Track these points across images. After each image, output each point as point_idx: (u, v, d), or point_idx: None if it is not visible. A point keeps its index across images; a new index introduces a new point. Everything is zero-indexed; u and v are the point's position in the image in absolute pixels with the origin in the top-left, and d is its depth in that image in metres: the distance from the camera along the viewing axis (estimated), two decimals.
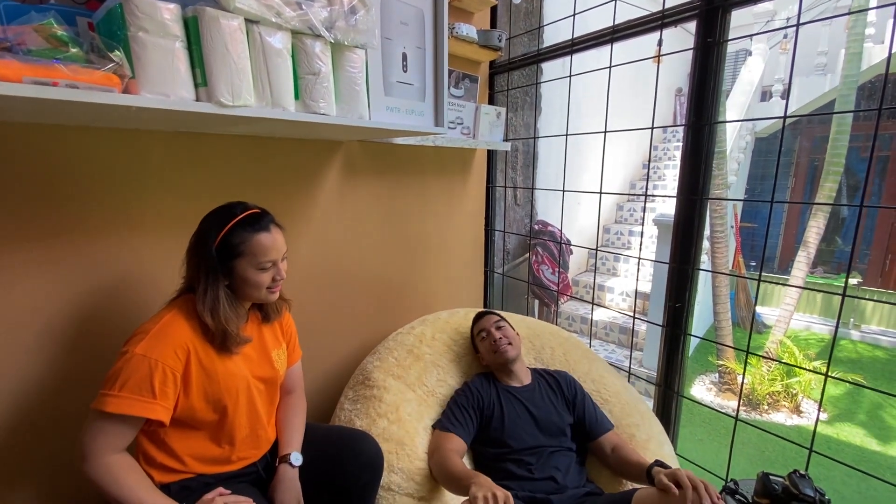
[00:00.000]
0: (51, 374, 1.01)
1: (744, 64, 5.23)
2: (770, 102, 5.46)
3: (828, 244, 5.88)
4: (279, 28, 0.84)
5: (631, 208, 4.96)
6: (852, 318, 4.74)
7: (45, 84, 0.62)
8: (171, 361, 0.83)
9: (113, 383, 0.79)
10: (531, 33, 2.65)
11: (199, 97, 0.78)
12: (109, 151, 1.03)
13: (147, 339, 0.82)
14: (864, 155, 5.68)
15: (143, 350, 0.81)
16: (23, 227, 0.93)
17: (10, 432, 0.97)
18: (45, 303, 0.98)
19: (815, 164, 6.13)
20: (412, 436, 1.28)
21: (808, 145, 6.20)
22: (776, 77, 5.39)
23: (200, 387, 0.88)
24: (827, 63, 5.07)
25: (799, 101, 5.25)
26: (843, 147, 3.10)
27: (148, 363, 0.80)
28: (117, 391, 0.78)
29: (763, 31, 2.28)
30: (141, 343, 0.81)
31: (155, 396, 0.80)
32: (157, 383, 0.81)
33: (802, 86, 5.20)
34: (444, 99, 1.23)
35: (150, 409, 0.80)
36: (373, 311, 1.72)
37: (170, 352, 0.83)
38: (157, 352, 0.82)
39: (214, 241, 0.88)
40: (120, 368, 0.80)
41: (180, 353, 0.84)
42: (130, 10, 0.68)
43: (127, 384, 0.79)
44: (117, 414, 0.78)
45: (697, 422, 2.77)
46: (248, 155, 1.27)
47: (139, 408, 0.79)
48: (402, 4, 1.10)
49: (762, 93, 5.52)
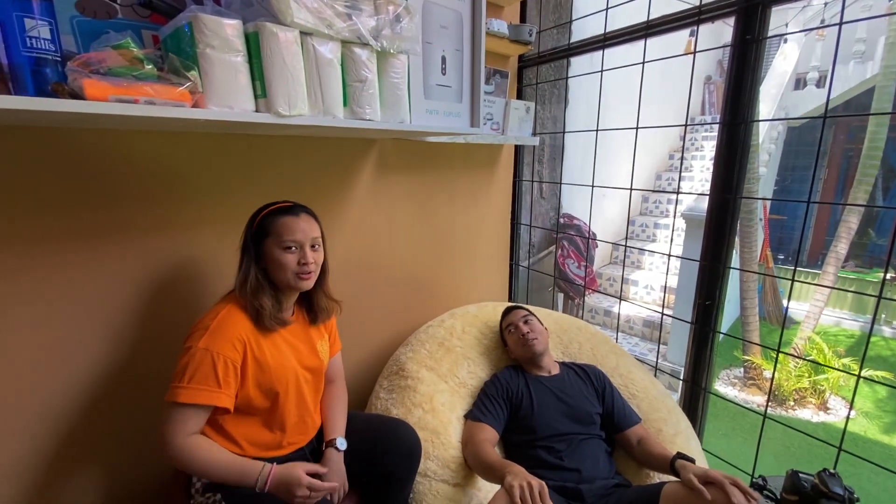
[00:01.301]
0: (116, 362, 1.10)
1: (778, 51, 5.06)
2: (804, 91, 5.27)
3: (860, 237, 5.69)
4: (330, 39, 0.88)
5: (657, 200, 4.89)
6: (884, 314, 4.62)
7: (128, 101, 0.67)
8: (230, 353, 0.90)
9: (182, 376, 0.87)
10: (560, 27, 2.63)
11: (258, 108, 0.83)
12: (164, 153, 1.09)
13: (207, 334, 0.89)
14: None
15: (205, 344, 0.88)
16: (88, 225, 1.00)
17: (81, 414, 1.06)
18: (110, 296, 1.06)
19: (849, 154, 5.92)
20: (446, 425, 1.34)
21: (842, 136, 5.98)
22: (811, 64, 5.20)
23: (255, 376, 0.95)
24: (865, 50, 4.86)
25: (836, 89, 5.06)
26: (881, 140, 3.01)
27: (211, 356, 0.88)
28: (186, 383, 0.86)
29: (804, 30, 2.20)
30: (203, 338, 0.89)
31: (220, 386, 0.88)
32: (221, 374, 0.88)
33: (839, 73, 5.00)
34: (481, 99, 1.25)
35: (217, 398, 0.88)
36: (403, 303, 1.78)
37: (228, 344, 0.90)
38: (218, 345, 0.89)
39: (252, 226, 0.98)
40: (186, 363, 0.87)
41: (238, 345, 0.92)
42: (199, 29, 0.73)
43: (194, 377, 0.86)
44: (189, 403, 0.86)
45: (722, 416, 2.77)
46: (290, 154, 1.33)
47: (206, 396, 0.87)
48: (442, 8, 1.12)
49: (796, 80, 5.33)
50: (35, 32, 0.61)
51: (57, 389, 1.02)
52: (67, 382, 1.03)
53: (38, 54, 0.62)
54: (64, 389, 1.03)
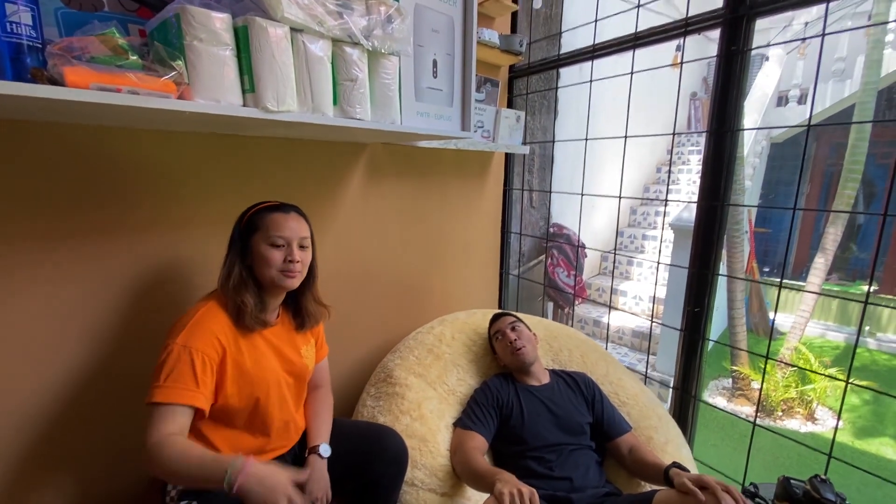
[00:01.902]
0: (94, 365, 1.05)
1: (760, 69, 5.20)
2: (786, 107, 5.42)
3: (843, 251, 5.81)
4: (321, 36, 0.88)
5: (644, 212, 4.95)
6: (867, 325, 4.69)
7: (111, 90, 0.65)
8: (208, 350, 0.87)
9: (159, 375, 0.83)
10: (550, 38, 2.67)
11: (246, 103, 0.82)
12: (150, 152, 1.07)
13: (186, 330, 0.87)
14: (880, 162, 5.61)
15: (182, 341, 0.85)
16: (71, 223, 0.98)
17: (55, 418, 1.02)
18: (91, 296, 1.03)
19: (831, 170, 6.07)
20: (434, 433, 1.31)
21: (824, 151, 6.13)
22: (793, 82, 5.35)
23: (233, 378, 0.92)
24: (845, 69, 5.02)
25: (816, 106, 5.21)
26: (861, 154, 3.08)
27: (189, 353, 0.84)
28: (162, 381, 0.82)
29: (788, 41, 2.27)
30: (181, 334, 0.86)
31: (197, 385, 0.84)
32: (199, 372, 0.85)
33: (820, 91, 5.16)
34: (472, 104, 1.26)
35: (193, 397, 0.84)
36: (392, 310, 1.76)
37: (207, 341, 0.87)
38: (196, 341, 0.86)
39: (242, 221, 0.96)
40: (164, 361, 0.84)
41: (217, 343, 0.89)
42: (187, 21, 0.72)
43: (171, 375, 0.83)
44: (166, 403, 0.82)
45: (712, 427, 2.77)
46: (279, 156, 1.31)
47: (184, 396, 0.83)
48: (433, 13, 1.13)
49: (778, 97, 5.48)
50: (16, 18, 0.60)
51: (33, 391, 0.98)
52: (44, 384, 0.99)
53: (18, 40, 0.61)
54: (39, 391, 0.99)
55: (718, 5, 1.40)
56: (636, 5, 1.65)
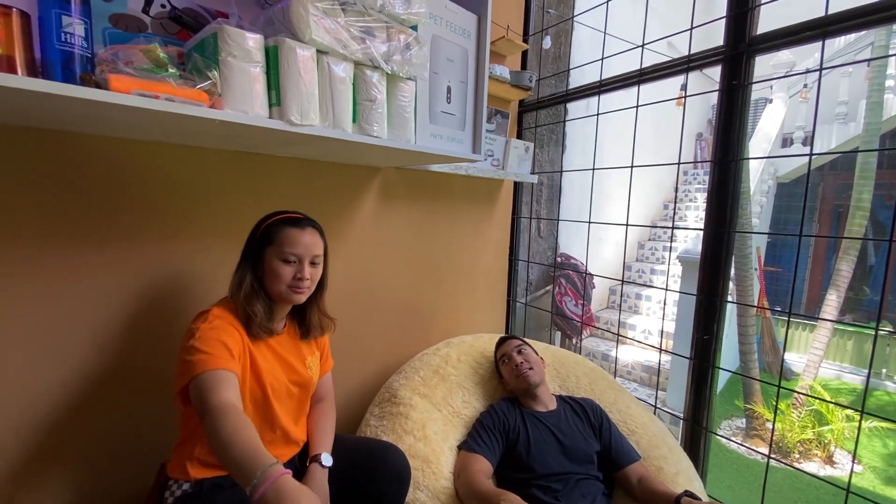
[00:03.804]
0: (105, 369, 1.07)
1: (764, 111, 5.33)
2: (791, 149, 5.51)
3: (855, 293, 5.74)
4: (345, 59, 0.94)
5: (652, 247, 4.96)
6: (884, 368, 4.55)
7: (149, 97, 0.71)
8: (233, 339, 0.89)
9: (193, 351, 0.82)
10: (558, 75, 2.79)
11: (272, 115, 0.87)
12: (175, 166, 1.12)
13: (209, 319, 0.89)
14: (889, 203, 5.62)
15: (209, 325, 0.87)
16: (94, 230, 1.02)
17: (57, 425, 1.02)
18: (109, 300, 1.06)
19: (839, 210, 6.08)
20: (438, 454, 1.28)
21: (831, 192, 6.17)
22: (797, 125, 5.46)
23: (246, 375, 0.92)
24: (847, 112, 5.13)
25: (820, 148, 5.29)
26: (867, 191, 3.11)
27: (217, 332, 0.86)
28: (194, 357, 0.81)
29: (789, 74, 2.35)
30: (206, 321, 0.88)
31: (232, 356, 0.85)
32: (230, 344, 0.86)
33: (824, 133, 5.25)
34: (483, 129, 1.31)
35: (229, 362, 0.83)
36: (398, 331, 1.76)
37: (230, 332, 0.89)
38: (221, 330, 0.88)
39: (258, 230, 0.99)
40: (193, 339, 0.84)
41: (238, 335, 0.91)
42: (223, 39, 0.78)
43: (202, 349, 0.82)
44: (209, 370, 0.80)
45: (727, 468, 2.66)
46: (296, 175, 1.36)
47: (222, 362, 0.82)
48: (449, 43, 1.20)
49: (783, 139, 5.57)
50: (70, 29, 0.66)
51: (38, 394, 0.99)
52: (47, 387, 1.00)
53: (71, 49, 0.66)
54: (43, 394, 1.00)
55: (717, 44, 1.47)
56: (640, 45, 1.74)
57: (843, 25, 1.24)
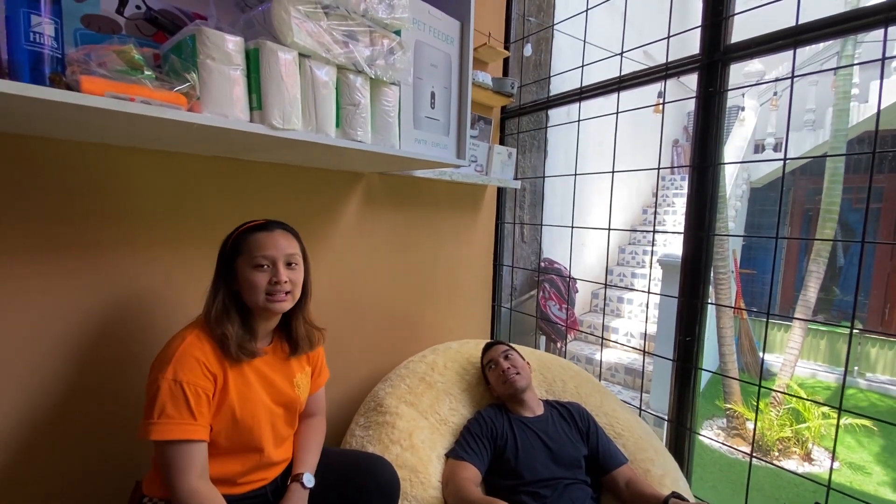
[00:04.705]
0: (76, 382, 1.02)
1: (737, 118, 5.51)
2: (763, 154, 5.69)
3: (826, 293, 5.93)
4: (327, 63, 0.93)
5: (633, 251, 5.04)
6: (856, 366, 4.71)
7: (124, 99, 0.68)
8: (201, 382, 0.83)
9: (151, 411, 0.80)
10: (539, 82, 2.82)
11: (252, 119, 0.85)
12: (150, 171, 1.09)
13: (172, 363, 0.82)
14: (856, 206, 5.85)
15: (172, 375, 0.81)
16: (60, 237, 0.97)
17: (22, 449, 0.97)
18: (73, 311, 1.01)
19: (809, 214, 6.30)
20: (426, 463, 1.26)
21: (801, 196, 6.40)
22: (768, 132, 5.66)
23: (220, 409, 0.88)
24: (815, 119, 5.34)
25: (793, 152, 5.48)
26: (836, 195, 3.23)
27: (181, 387, 0.81)
28: (156, 418, 0.79)
29: (762, 82, 2.44)
30: (168, 368, 0.82)
31: (194, 418, 0.81)
32: (193, 404, 0.81)
33: (793, 140, 5.45)
34: (467, 134, 1.31)
35: (192, 431, 0.81)
36: (383, 339, 1.73)
37: (198, 372, 0.84)
38: (186, 374, 0.82)
39: (227, 245, 0.93)
40: (154, 396, 0.80)
41: (208, 373, 0.85)
42: (202, 41, 0.76)
43: (164, 411, 0.79)
44: (168, 441, 0.79)
45: (710, 468, 2.70)
46: (278, 182, 1.34)
47: (180, 431, 0.79)
48: (432, 49, 1.20)
49: (755, 146, 5.76)
50: (40, 28, 0.63)
51: (8, 406, 0.94)
52: (19, 400, 0.95)
53: (40, 50, 0.63)
54: (14, 408, 0.95)
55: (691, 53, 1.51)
56: (618, 53, 1.77)
57: (814, 35, 1.28)
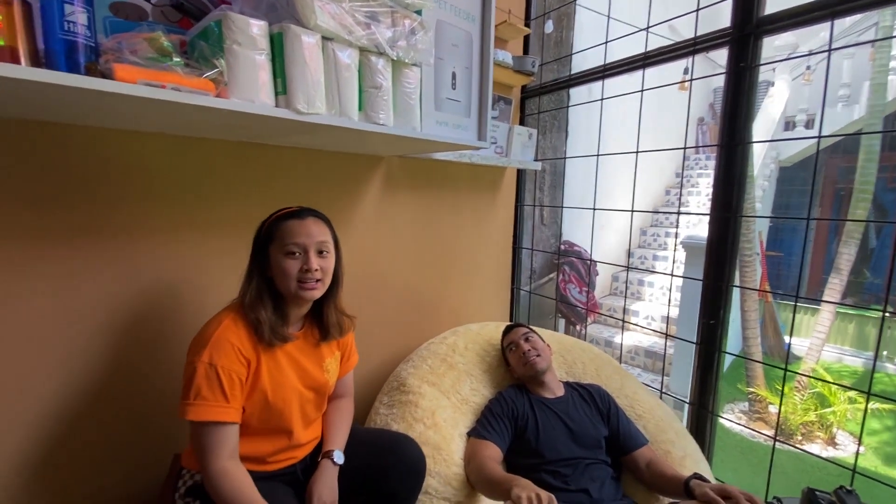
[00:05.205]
0: (113, 363, 1.07)
1: (765, 94, 5.28)
2: (794, 132, 5.47)
3: (856, 276, 5.74)
4: (350, 45, 0.92)
5: (654, 233, 4.95)
6: (885, 351, 4.58)
7: (156, 86, 0.69)
8: (235, 366, 0.87)
9: (187, 392, 0.84)
10: (560, 60, 2.76)
11: (278, 104, 0.85)
12: (178, 157, 1.11)
13: (208, 347, 0.85)
14: (892, 186, 5.61)
15: (208, 358, 0.84)
16: (94, 224, 1.01)
17: (70, 423, 1.03)
18: (110, 297, 1.05)
19: (840, 193, 6.06)
20: (448, 441, 1.29)
21: (833, 175, 6.15)
22: (799, 108, 5.42)
23: (252, 392, 0.91)
24: (850, 94, 5.08)
25: (826, 129, 5.25)
26: (871, 174, 3.10)
27: (215, 371, 0.84)
28: (192, 399, 0.83)
29: (796, 56, 2.32)
30: (204, 351, 0.85)
31: (227, 401, 0.85)
32: (227, 388, 0.85)
33: (826, 116, 5.21)
34: (488, 115, 1.30)
35: (225, 413, 0.84)
36: (404, 321, 1.76)
37: (233, 357, 0.87)
38: (221, 358, 0.85)
39: (261, 231, 0.96)
40: (190, 378, 0.84)
41: (242, 358, 0.88)
42: (228, 26, 0.76)
43: (200, 392, 0.83)
44: (200, 421, 0.83)
45: (731, 451, 2.69)
46: (300, 166, 1.35)
47: (214, 412, 0.83)
48: (453, 28, 1.18)
49: (785, 123, 5.53)
50: (73, 18, 0.64)
51: (46, 389, 0.99)
52: (56, 383, 1.01)
53: (74, 39, 0.65)
54: (52, 389, 1.00)
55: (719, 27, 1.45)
56: (643, 28, 1.71)
57: (852, 5, 1.22)
